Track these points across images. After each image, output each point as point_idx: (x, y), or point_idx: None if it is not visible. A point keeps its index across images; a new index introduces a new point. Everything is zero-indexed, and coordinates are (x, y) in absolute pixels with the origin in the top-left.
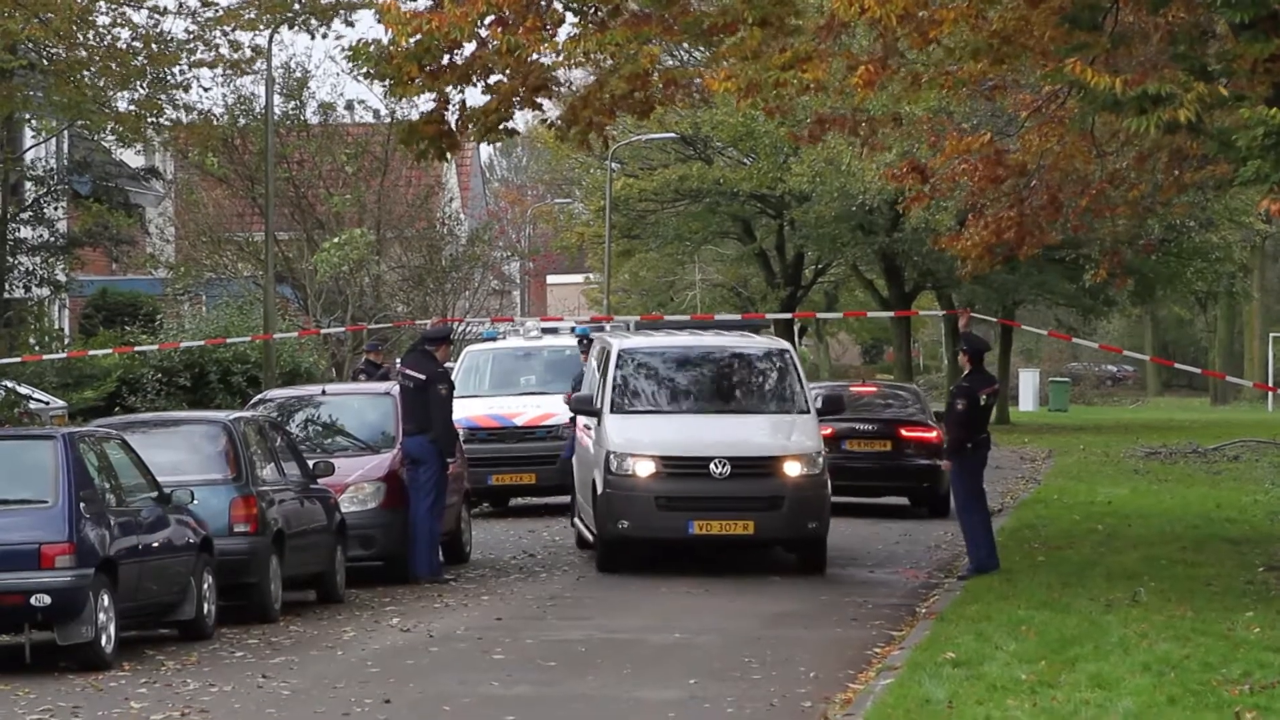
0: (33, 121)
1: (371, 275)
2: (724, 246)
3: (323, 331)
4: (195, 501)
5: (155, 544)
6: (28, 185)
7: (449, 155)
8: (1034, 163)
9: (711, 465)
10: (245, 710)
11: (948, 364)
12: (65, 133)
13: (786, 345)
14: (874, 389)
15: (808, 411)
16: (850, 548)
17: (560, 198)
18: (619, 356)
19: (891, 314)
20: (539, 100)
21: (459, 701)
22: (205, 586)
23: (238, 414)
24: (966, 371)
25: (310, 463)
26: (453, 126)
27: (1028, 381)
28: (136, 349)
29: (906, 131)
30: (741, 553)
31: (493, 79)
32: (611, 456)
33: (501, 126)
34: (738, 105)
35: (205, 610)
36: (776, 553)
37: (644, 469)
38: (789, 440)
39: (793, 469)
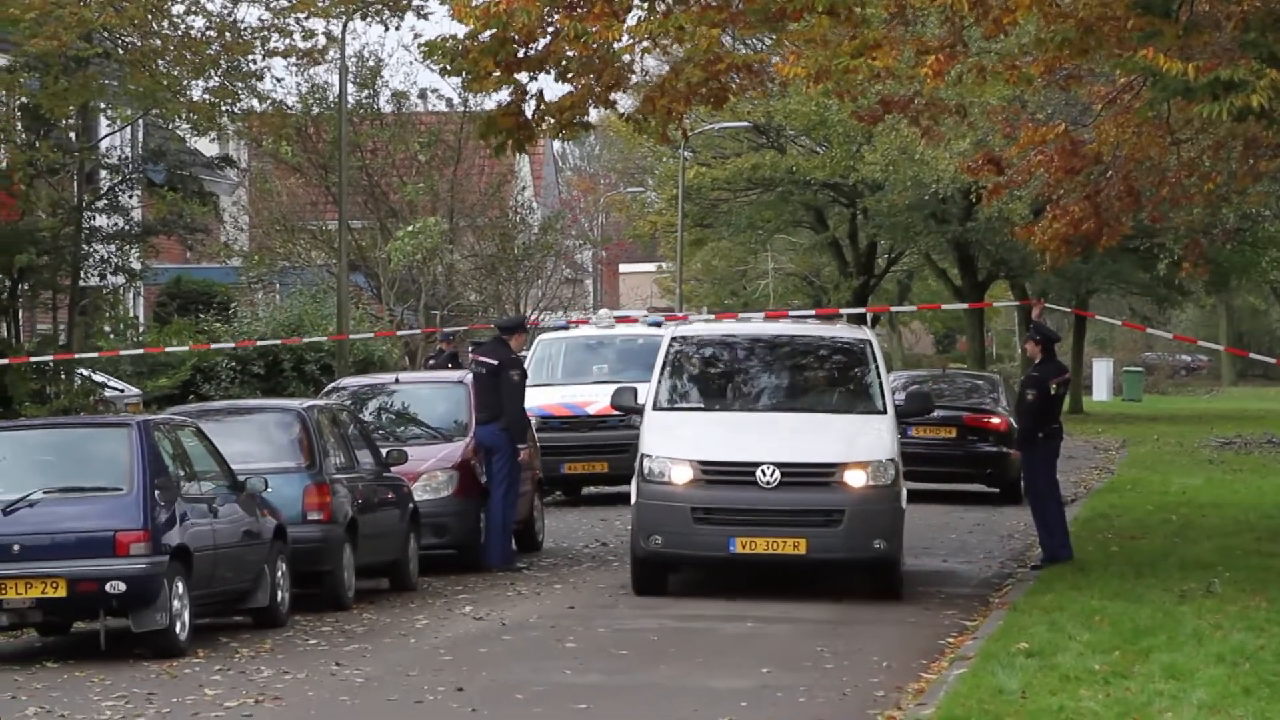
0: (108, 110)
1: (444, 264)
2: (796, 235)
3: (400, 333)
4: (269, 489)
5: (229, 531)
6: (103, 174)
7: (526, 148)
8: (1110, 153)
9: (759, 473)
10: (319, 698)
11: (1021, 353)
12: (140, 121)
13: (868, 335)
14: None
15: (884, 412)
16: (923, 537)
17: (633, 186)
18: (670, 345)
19: (965, 305)
20: (613, 98)
21: (531, 689)
22: (279, 574)
23: (311, 402)
24: (1038, 361)
25: (383, 451)
26: (529, 118)
27: (1101, 371)
28: (214, 345)
29: (975, 122)
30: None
31: (568, 73)
32: (645, 460)
33: (576, 121)
34: (807, 91)
35: (279, 598)
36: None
37: (680, 475)
38: (854, 445)
39: (856, 478)
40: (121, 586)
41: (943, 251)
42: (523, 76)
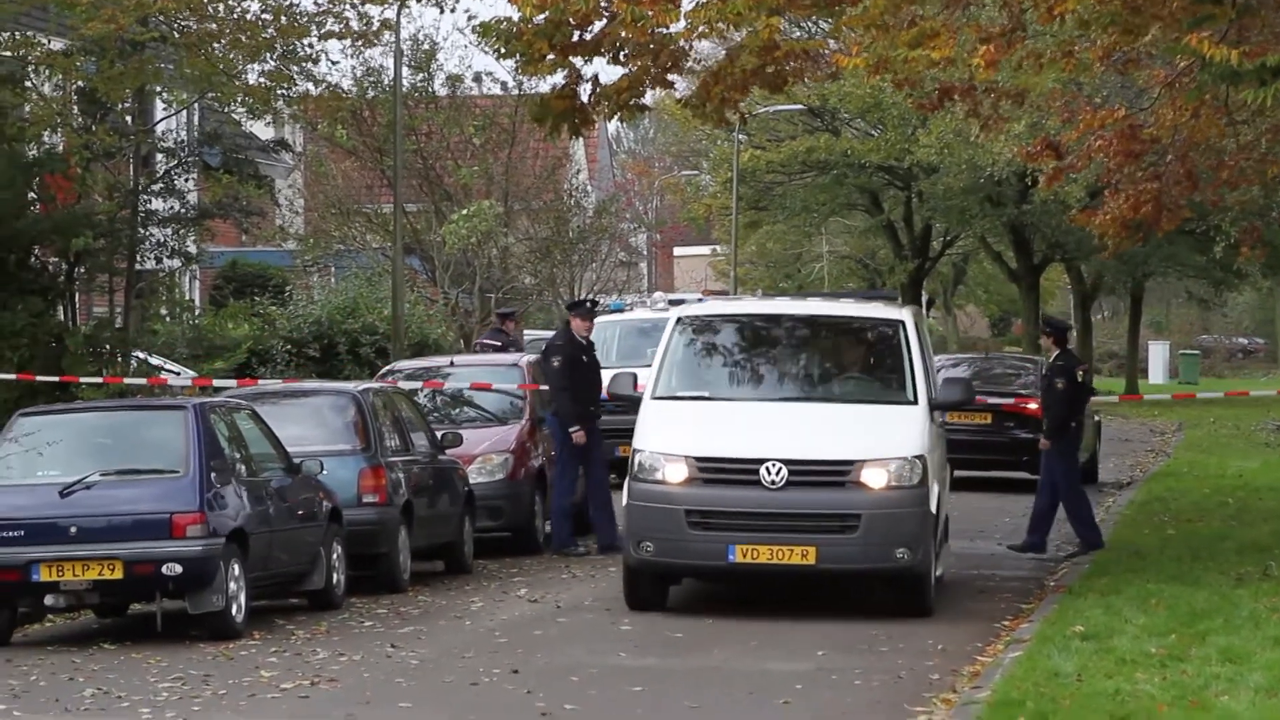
0: (164, 94)
1: (499, 247)
2: (851, 218)
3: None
4: (324, 472)
5: (285, 514)
6: (159, 157)
7: (582, 132)
8: (1168, 137)
9: (763, 471)
10: (374, 679)
11: (1076, 336)
12: (196, 105)
13: (903, 315)
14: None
15: (914, 402)
16: (977, 521)
17: (687, 169)
18: (675, 326)
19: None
20: (670, 79)
21: (586, 672)
22: (334, 556)
23: (366, 385)
24: (1056, 353)
25: (438, 434)
26: (585, 101)
27: (1157, 354)
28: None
29: (1036, 105)
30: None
31: (623, 55)
32: (636, 456)
33: (632, 103)
34: (865, 80)
35: (335, 580)
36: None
37: (674, 473)
38: (875, 439)
39: (875, 478)
40: (178, 569)
41: (998, 234)
42: (577, 60)
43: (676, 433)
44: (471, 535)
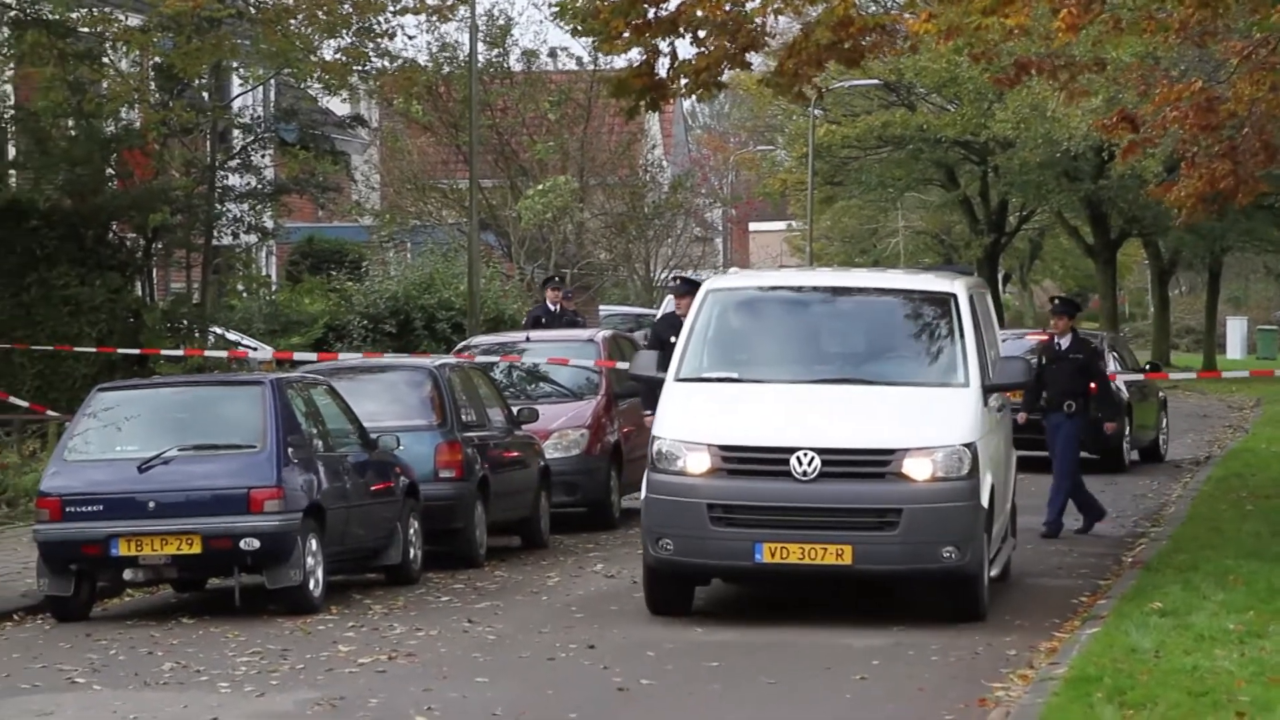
0: (240, 70)
1: (574, 222)
2: (927, 193)
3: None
4: (401, 447)
5: (362, 489)
6: (235, 133)
7: (659, 108)
8: (1245, 110)
9: (793, 460)
10: (451, 654)
11: (1154, 311)
12: (272, 81)
13: (955, 287)
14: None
15: (967, 384)
16: None
17: (763, 144)
18: (704, 300)
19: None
20: (747, 59)
21: (663, 647)
22: (411, 531)
23: (443, 360)
24: (1076, 334)
25: (515, 409)
26: (662, 78)
27: (1235, 329)
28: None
29: (1112, 78)
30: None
31: (700, 33)
32: (656, 444)
33: (710, 81)
34: (938, 46)
35: (411, 555)
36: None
37: (697, 464)
38: (919, 425)
39: (919, 468)
40: (256, 543)
41: (1075, 209)
42: (654, 39)
43: (699, 418)
44: (547, 510)
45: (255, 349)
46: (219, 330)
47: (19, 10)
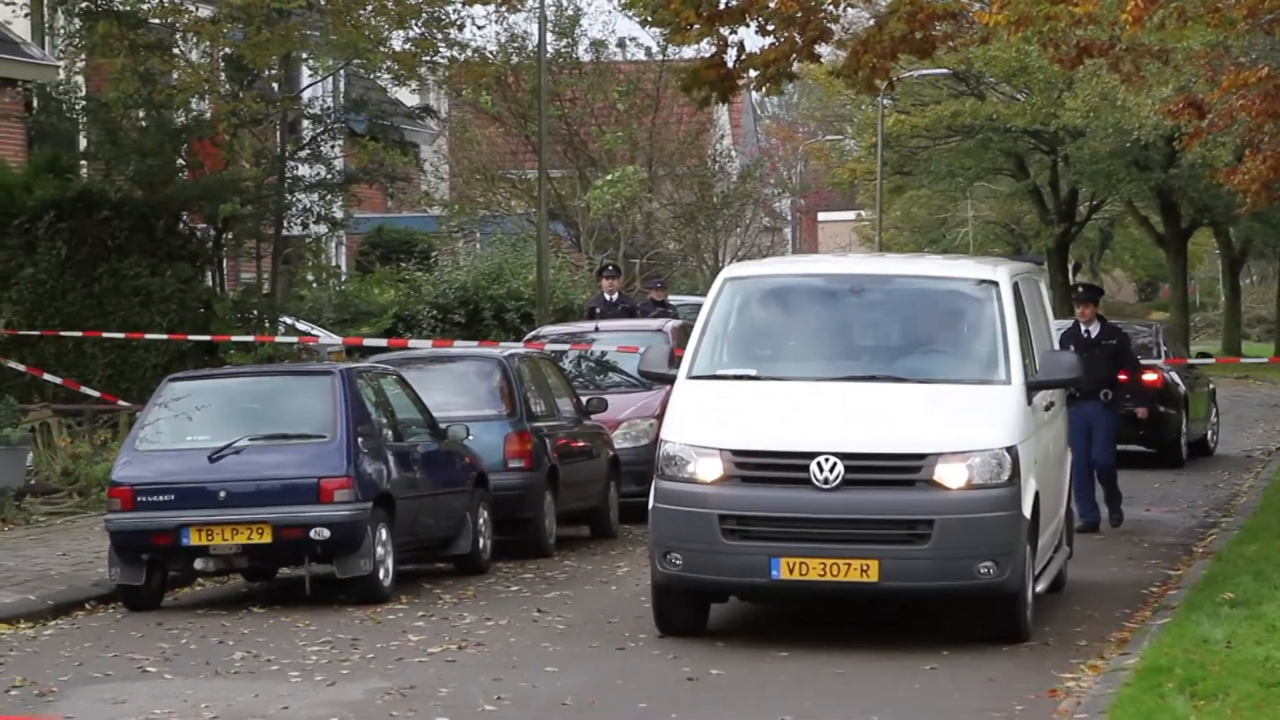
0: (310, 61)
1: (643, 212)
2: (997, 183)
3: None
4: (470, 437)
5: (431, 479)
6: (305, 124)
7: (729, 99)
8: None
9: (814, 466)
10: (520, 644)
11: (1225, 301)
12: (341, 72)
13: (998, 275)
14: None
15: (1008, 381)
16: (1126, 486)
17: (831, 134)
18: (720, 290)
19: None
20: (817, 51)
21: (732, 637)
22: (480, 521)
23: (512, 350)
24: (1104, 321)
25: (584, 399)
26: (731, 70)
27: None
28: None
29: (1179, 66)
30: None
31: (770, 25)
32: (664, 448)
33: (780, 73)
34: (1008, 38)
35: (481, 545)
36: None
37: (708, 470)
38: (953, 428)
39: (952, 475)
40: (326, 533)
41: (1145, 199)
42: (724, 29)
43: (711, 420)
44: (617, 500)
45: (323, 339)
46: (289, 320)
47: (91, 1)
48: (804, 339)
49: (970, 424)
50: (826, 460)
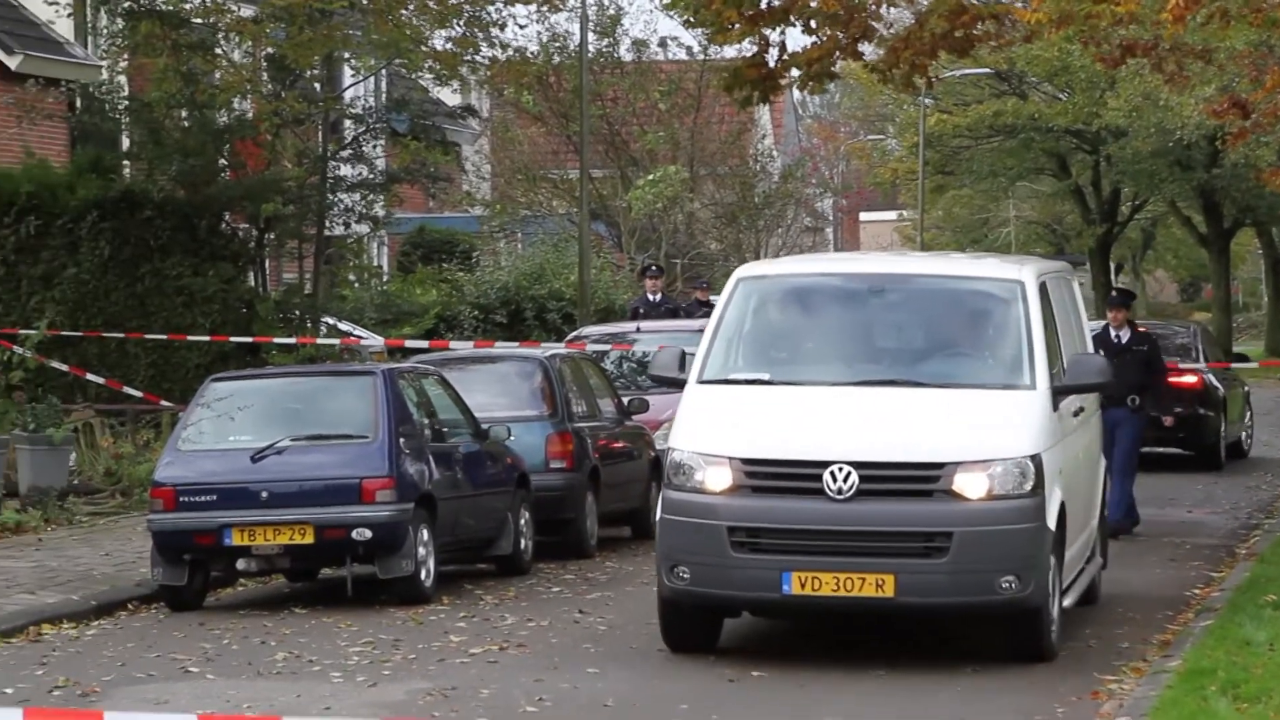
0: (351, 61)
1: (684, 212)
2: (1039, 183)
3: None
4: (512, 437)
5: (473, 479)
6: (347, 123)
7: (771, 99)
8: None
9: (827, 476)
10: (562, 645)
11: (1268, 301)
12: (383, 71)
13: (1023, 275)
14: (1142, 329)
15: (1033, 386)
16: (1170, 488)
17: (873, 134)
18: (734, 290)
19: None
20: (860, 50)
21: (774, 638)
22: (522, 522)
23: (554, 350)
24: (1134, 326)
25: (625, 399)
26: (773, 69)
27: None
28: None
29: (1223, 66)
30: None
31: (813, 23)
32: (672, 456)
33: (822, 72)
34: (1048, 37)
35: (522, 545)
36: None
37: (717, 480)
38: (975, 435)
39: (973, 485)
40: (368, 533)
41: (1188, 199)
42: (765, 28)
43: (721, 427)
44: (658, 501)
45: (365, 340)
46: (331, 320)
47: (133, 1)
48: (820, 342)
49: (992, 431)
50: (840, 470)
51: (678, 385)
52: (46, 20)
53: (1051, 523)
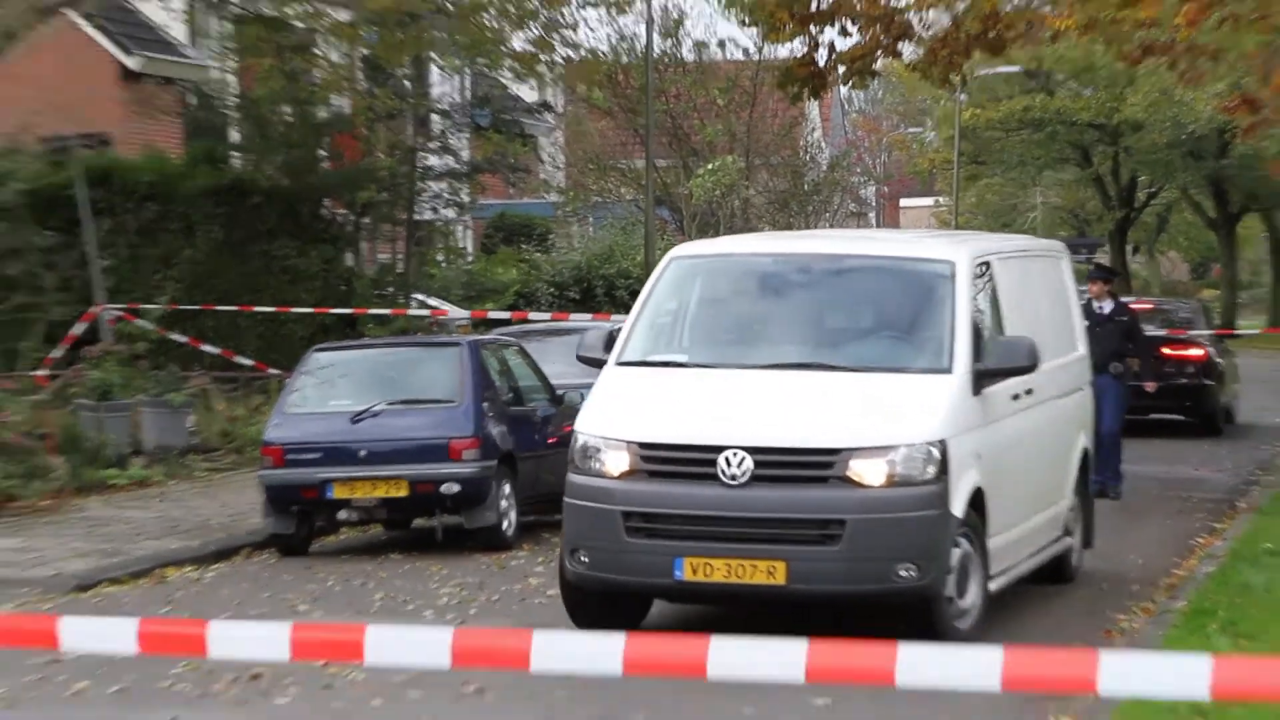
0: (438, 60)
1: (741, 199)
2: (1063, 171)
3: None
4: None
5: (550, 440)
6: (434, 118)
7: (820, 95)
8: None
9: (721, 461)
10: None
11: (1270, 280)
12: (467, 70)
13: (957, 255)
14: (1150, 305)
15: (948, 370)
16: (1174, 448)
17: (913, 127)
18: (665, 269)
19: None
20: (899, 49)
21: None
22: None
23: (623, 323)
24: (1116, 300)
25: None
26: (822, 67)
27: None
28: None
29: (1233, 64)
30: None
31: (854, 24)
32: (576, 439)
33: (865, 69)
34: (1076, 41)
35: None
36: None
37: (615, 464)
38: (876, 420)
39: (870, 471)
40: (456, 488)
41: (1199, 186)
42: (814, 28)
43: (622, 410)
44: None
45: (452, 313)
46: (421, 296)
47: (241, 8)
48: (741, 324)
49: (897, 416)
50: (735, 455)
51: (600, 366)
52: (161, 24)
53: (958, 510)
